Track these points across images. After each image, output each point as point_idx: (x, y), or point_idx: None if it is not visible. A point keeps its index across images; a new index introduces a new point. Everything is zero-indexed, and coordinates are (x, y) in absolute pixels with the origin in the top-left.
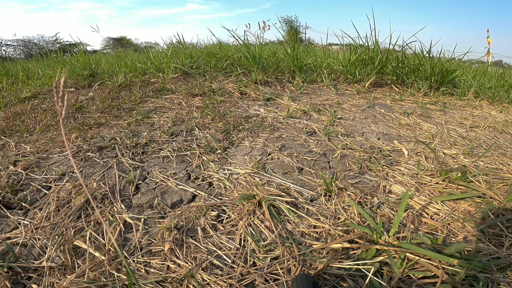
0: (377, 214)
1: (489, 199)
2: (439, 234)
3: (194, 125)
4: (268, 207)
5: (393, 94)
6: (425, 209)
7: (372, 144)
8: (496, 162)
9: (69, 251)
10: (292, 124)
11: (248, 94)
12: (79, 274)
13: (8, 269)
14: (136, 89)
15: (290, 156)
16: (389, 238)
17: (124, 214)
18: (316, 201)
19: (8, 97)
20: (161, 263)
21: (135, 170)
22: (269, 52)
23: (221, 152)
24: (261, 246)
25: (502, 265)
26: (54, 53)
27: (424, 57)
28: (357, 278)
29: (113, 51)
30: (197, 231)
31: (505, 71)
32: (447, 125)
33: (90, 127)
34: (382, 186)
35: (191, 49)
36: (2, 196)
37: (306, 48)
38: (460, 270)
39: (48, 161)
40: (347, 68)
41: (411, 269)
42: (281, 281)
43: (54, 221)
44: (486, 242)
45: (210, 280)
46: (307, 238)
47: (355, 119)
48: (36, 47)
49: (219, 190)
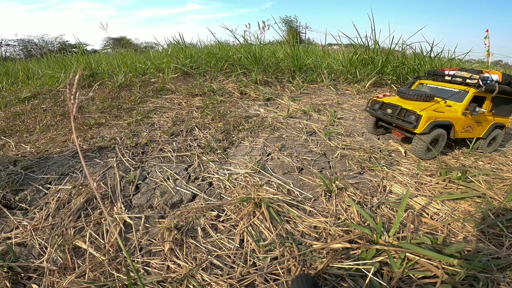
0: (377, 214)
1: (489, 199)
2: (439, 234)
3: (194, 125)
4: (268, 208)
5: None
6: (425, 209)
7: (372, 144)
8: (496, 162)
9: (69, 251)
10: (292, 124)
11: (248, 94)
12: (79, 274)
13: (8, 269)
14: (136, 89)
15: (290, 156)
16: (389, 238)
17: (124, 214)
18: (316, 201)
19: (8, 97)
20: (161, 263)
21: (135, 170)
22: (269, 52)
23: (221, 152)
24: (261, 246)
25: (502, 265)
26: (54, 53)
27: (424, 57)
28: (357, 278)
29: (113, 51)
30: (197, 231)
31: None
32: None
33: (90, 127)
34: (382, 186)
35: (191, 49)
36: (2, 196)
37: (306, 48)
38: (460, 270)
39: (48, 161)
40: (347, 68)
41: (411, 269)
42: (281, 281)
43: (54, 221)
44: (486, 242)
45: (210, 280)
46: (307, 238)
47: (355, 119)
48: (36, 47)
49: (219, 190)
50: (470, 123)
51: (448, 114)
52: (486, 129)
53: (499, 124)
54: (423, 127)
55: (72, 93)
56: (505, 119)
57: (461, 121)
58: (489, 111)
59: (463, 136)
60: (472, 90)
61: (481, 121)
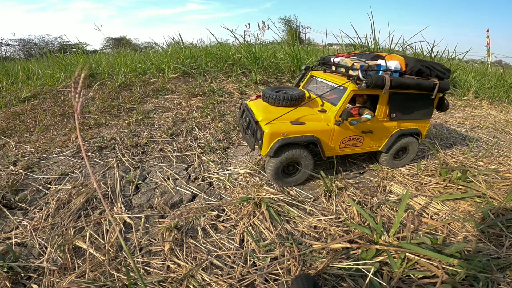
0: (377, 214)
1: (489, 199)
2: (439, 234)
3: (194, 125)
4: (268, 208)
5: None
6: (425, 209)
7: None
8: (496, 162)
9: (69, 251)
10: None
11: (248, 94)
12: (79, 274)
13: (8, 269)
14: (136, 89)
15: None
16: (389, 238)
17: (124, 214)
18: (316, 201)
19: (8, 97)
20: (161, 263)
21: (135, 170)
22: (269, 52)
23: (221, 152)
24: (261, 246)
25: (502, 265)
26: (54, 53)
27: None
28: (357, 278)
29: (113, 51)
30: (197, 231)
31: (505, 71)
32: (447, 125)
33: (90, 127)
34: (382, 186)
35: (191, 49)
36: (2, 196)
37: (306, 48)
38: (460, 270)
39: (48, 161)
40: None
41: (411, 269)
42: (281, 281)
43: (54, 221)
44: (486, 242)
45: (210, 280)
46: (307, 238)
47: None
48: (36, 47)
49: (219, 190)
50: (354, 135)
51: (311, 126)
52: (385, 139)
53: (410, 131)
54: (267, 148)
55: (77, 91)
56: (420, 123)
57: (335, 133)
58: (386, 115)
59: (345, 152)
60: (351, 87)
61: (374, 130)
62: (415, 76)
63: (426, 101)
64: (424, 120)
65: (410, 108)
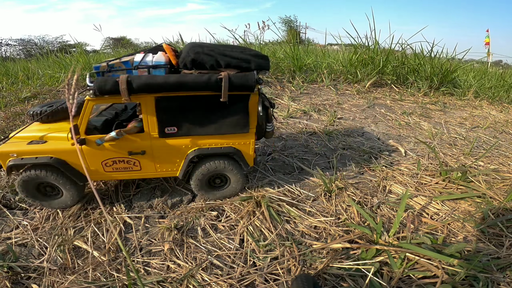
0: (377, 214)
1: (489, 199)
2: (439, 234)
3: None
4: (268, 207)
5: (393, 94)
6: (425, 209)
7: (372, 144)
8: (496, 162)
9: (69, 251)
10: (292, 124)
11: None
12: (79, 274)
13: (8, 269)
14: None
15: (290, 156)
16: (389, 238)
17: (124, 214)
18: (316, 201)
19: (8, 97)
20: (161, 263)
21: None
22: (269, 52)
23: None
24: (261, 246)
25: (502, 265)
26: (54, 53)
27: (425, 57)
28: (357, 278)
29: (113, 51)
30: (197, 231)
31: (505, 71)
32: (447, 125)
33: None
34: (382, 186)
35: None
36: (2, 196)
37: (306, 48)
38: (460, 270)
39: None
40: (347, 68)
41: (411, 269)
42: (281, 281)
43: (54, 221)
44: (486, 242)
45: (210, 280)
46: (307, 238)
47: (355, 119)
48: (36, 47)
49: None
50: (119, 156)
51: (51, 145)
52: (179, 162)
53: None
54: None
55: (71, 93)
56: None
57: (88, 154)
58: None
59: (121, 177)
60: (88, 98)
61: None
62: (196, 69)
63: (232, 107)
64: (239, 134)
65: (204, 118)
